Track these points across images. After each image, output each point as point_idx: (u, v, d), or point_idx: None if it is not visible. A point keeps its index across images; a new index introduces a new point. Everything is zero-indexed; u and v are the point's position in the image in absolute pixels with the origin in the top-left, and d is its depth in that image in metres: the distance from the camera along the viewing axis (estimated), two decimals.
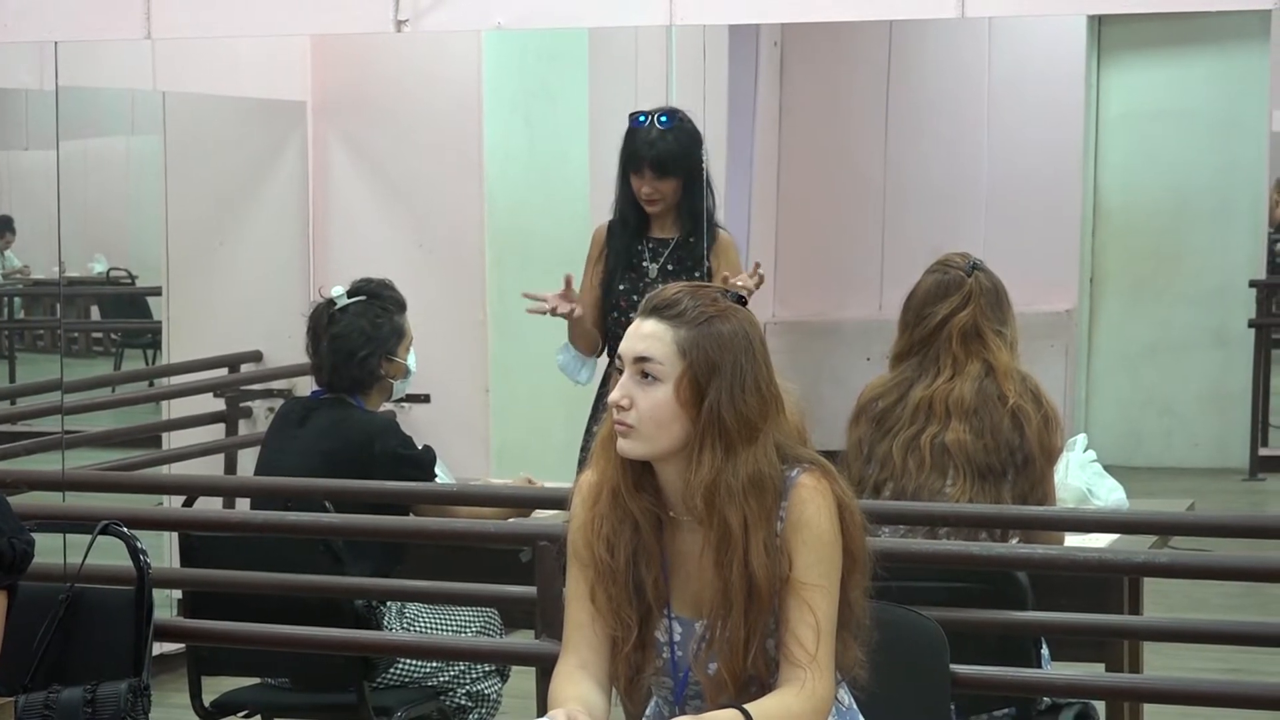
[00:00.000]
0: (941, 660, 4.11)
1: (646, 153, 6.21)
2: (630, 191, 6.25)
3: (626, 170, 6.24)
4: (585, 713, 3.36)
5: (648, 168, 6.20)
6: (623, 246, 6.28)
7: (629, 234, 6.28)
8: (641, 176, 6.20)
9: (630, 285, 6.22)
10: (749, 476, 3.41)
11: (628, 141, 6.26)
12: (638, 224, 6.27)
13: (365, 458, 5.41)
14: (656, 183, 6.20)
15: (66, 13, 5.46)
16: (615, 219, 6.35)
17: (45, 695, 4.33)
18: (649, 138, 6.22)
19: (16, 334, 11.76)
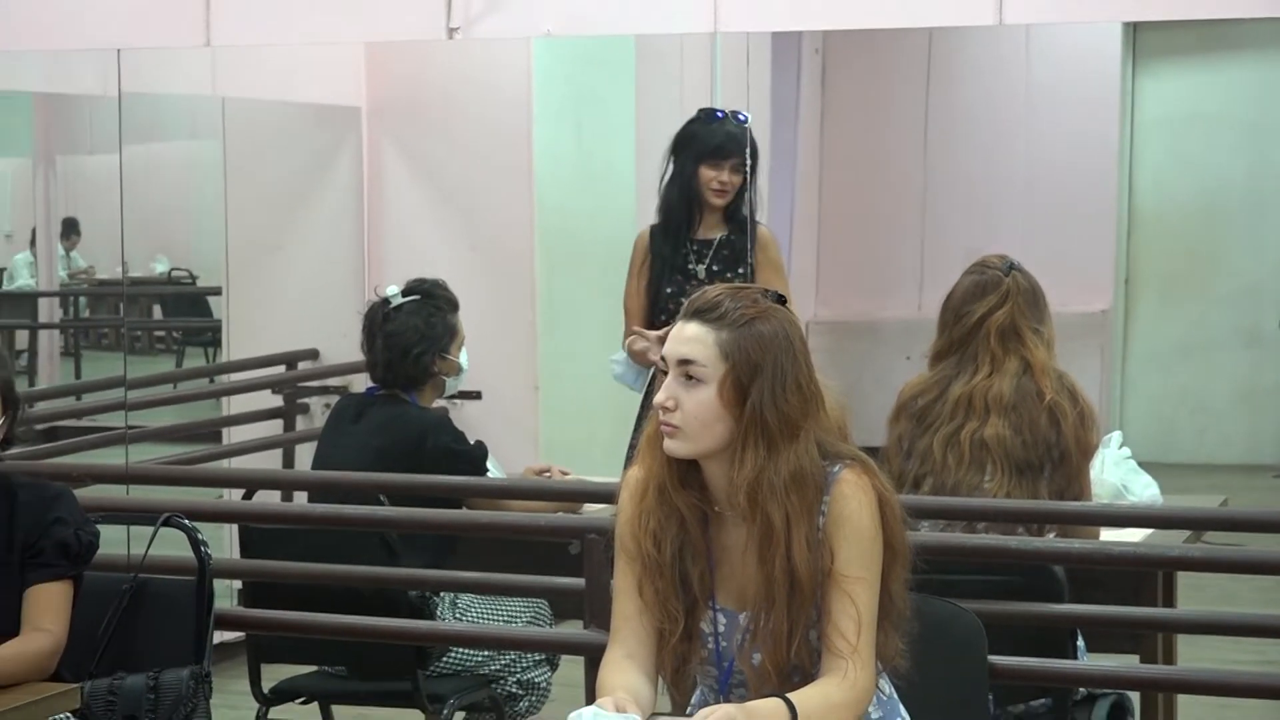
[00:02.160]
0: (979, 651, 4.11)
1: (731, 146, 6.18)
2: (688, 184, 6.19)
3: (698, 161, 6.18)
4: (632, 701, 3.36)
5: (731, 157, 6.17)
6: (668, 250, 6.25)
7: (674, 237, 6.26)
8: (720, 167, 6.16)
9: (677, 288, 6.20)
10: (791, 473, 3.41)
11: (705, 133, 6.21)
12: (682, 226, 6.25)
13: (419, 453, 5.42)
14: (732, 175, 6.18)
15: (129, 21, 5.48)
16: (657, 224, 6.32)
17: (110, 682, 4.34)
18: (732, 130, 6.21)
19: (82, 332, 11.81)
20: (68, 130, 10.67)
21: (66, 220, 11.52)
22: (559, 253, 7.91)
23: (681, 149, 6.25)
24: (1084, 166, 11.15)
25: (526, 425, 7.63)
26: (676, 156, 6.26)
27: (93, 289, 11.76)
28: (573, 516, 5.30)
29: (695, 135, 6.24)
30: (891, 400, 5.04)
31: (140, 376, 9.25)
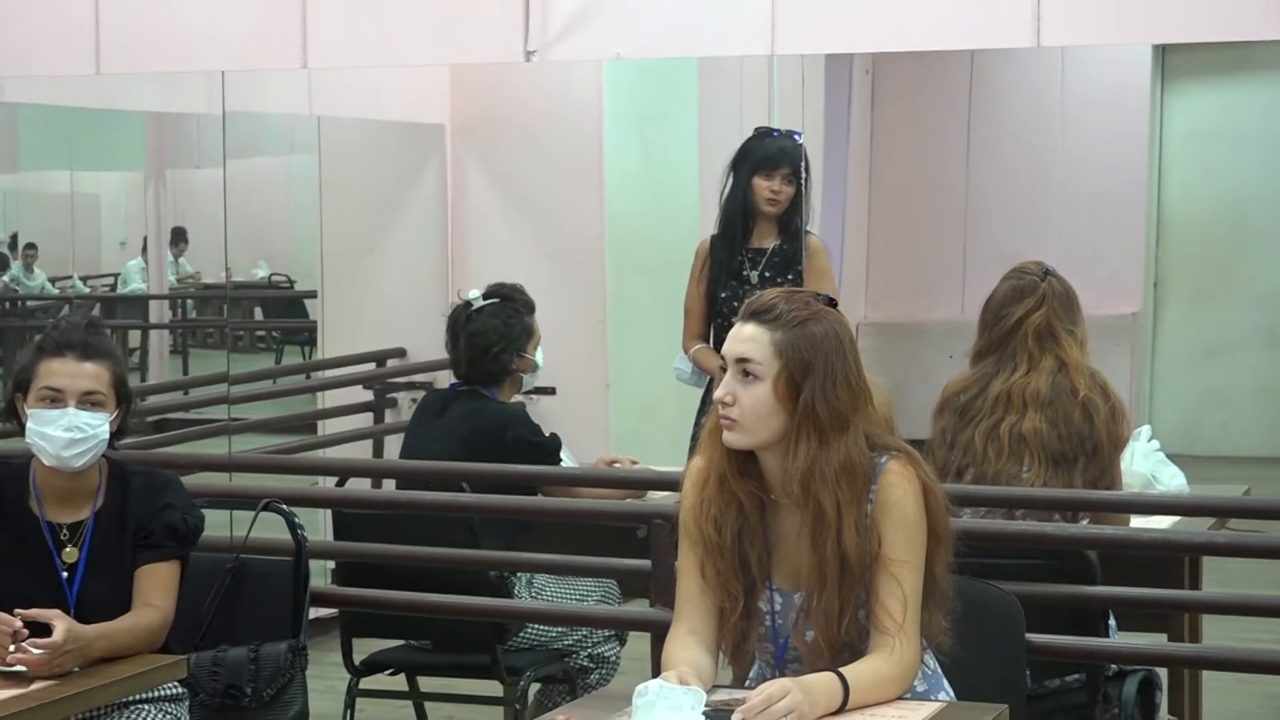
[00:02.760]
0: (1018, 630, 4.09)
1: (782, 158, 6.20)
2: (742, 197, 6.20)
3: (753, 171, 6.19)
4: (695, 674, 3.36)
5: (785, 169, 6.18)
6: (726, 257, 6.26)
7: (730, 245, 6.26)
8: (773, 178, 6.17)
9: (732, 292, 6.20)
10: (841, 463, 3.41)
11: (759, 146, 6.23)
12: (738, 235, 6.25)
13: (498, 444, 5.43)
14: (784, 185, 6.19)
15: (233, 45, 5.50)
16: (716, 233, 6.32)
17: (214, 654, 4.37)
18: (784, 145, 6.23)
19: (189, 332, 11.89)
20: (176, 146, 10.74)
21: (175, 229, 11.60)
22: (627, 259, 7.91)
23: (738, 164, 6.27)
24: (1115, 179, 11.09)
25: (597, 419, 7.64)
26: (734, 171, 6.28)
27: (199, 292, 11.84)
28: (640, 503, 5.30)
29: (750, 150, 6.26)
30: (935, 396, 5.03)
31: (242, 373, 9.31)
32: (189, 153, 10.72)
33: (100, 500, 4.10)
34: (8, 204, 13.32)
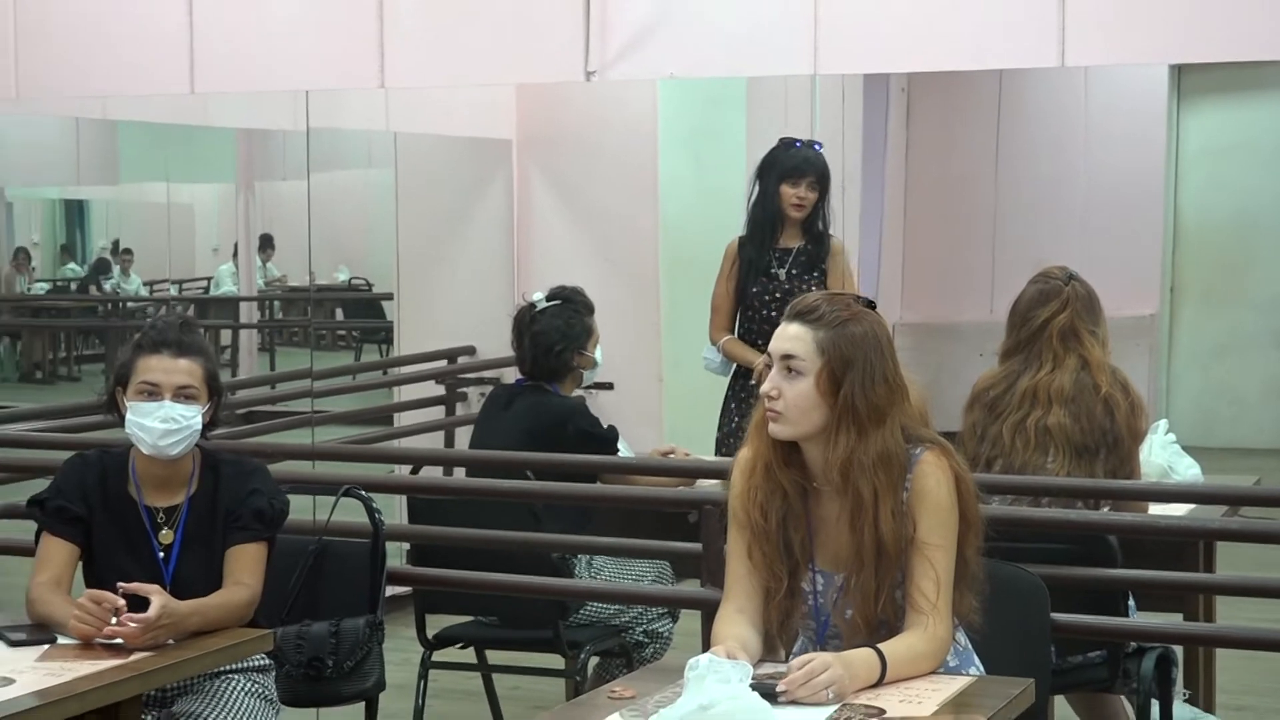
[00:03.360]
0: (1043, 609, 4.08)
1: (806, 167, 6.19)
2: (770, 202, 6.19)
3: (781, 179, 6.18)
4: (742, 649, 3.36)
5: (810, 176, 6.17)
6: (755, 256, 6.24)
7: (759, 246, 6.24)
8: (799, 185, 6.16)
9: (761, 288, 6.20)
10: (879, 454, 3.40)
11: (785, 156, 6.21)
12: (766, 236, 6.24)
13: (560, 435, 5.43)
14: (808, 192, 6.18)
15: (315, 65, 5.52)
16: (745, 234, 6.30)
17: (298, 628, 4.38)
18: (808, 155, 6.22)
19: (275, 331, 11.95)
20: (264, 160, 10.79)
21: (263, 236, 11.66)
22: (679, 263, 7.91)
23: (765, 172, 6.25)
24: (1134, 189, 11.04)
25: (652, 412, 7.63)
26: (761, 179, 6.27)
27: (285, 294, 11.90)
28: (691, 490, 5.29)
29: (776, 159, 6.24)
30: (966, 392, 5.02)
31: (324, 369, 9.34)
32: (276, 166, 10.78)
33: (194, 486, 4.12)
34: (109, 213, 13.42)
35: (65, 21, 5.75)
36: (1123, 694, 4.81)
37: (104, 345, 13.15)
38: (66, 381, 13.03)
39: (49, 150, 10.97)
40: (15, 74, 5.78)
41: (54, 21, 5.75)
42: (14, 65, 5.77)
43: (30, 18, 5.73)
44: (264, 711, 4.14)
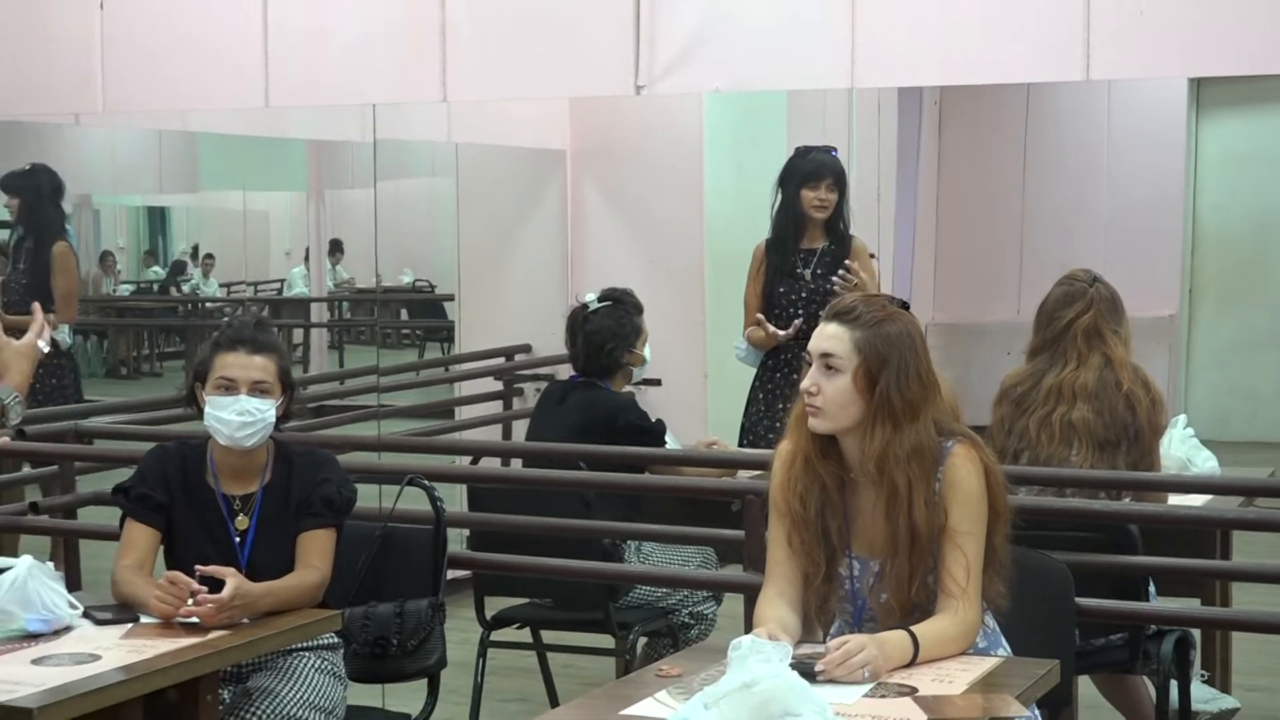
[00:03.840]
0: (1068, 594, 4.06)
1: (824, 170, 6.17)
2: (793, 207, 6.16)
3: (800, 185, 6.16)
4: (783, 631, 3.36)
5: (827, 179, 6.16)
6: (780, 259, 6.22)
7: (783, 249, 6.23)
8: (818, 188, 6.14)
9: (789, 288, 6.18)
10: (912, 447, 3.40)
11: (803, 163, 6.19)
12: (790, 239, 6.23)
13: (611, 428, 5.43)
14: (828, 193, 6.16)
15: (381, 81, 5.54)
16: (771, 237, 6.27)
17: (365, 609, 4.39)
18: (824, 159, 6.21)
19: (344, 330, 11.99)
20: (333, 169, 10.83)
21: (333, 241, 11.69)
22: (723, 266, 7.89)
23: (786, 179, 6.23)
24: (1155, 196, 10.99)
25: (697, 406, 7.63)
26: (783, 186, 6.24)
27: (353, 296, 11.93)
28: (734, 480, 5.28)
29: (796, 166, 6.22)
30: (995, 389, 5.00)
31: (389, 365, 9.37)
32: (344, 175, 10.81)
33: (268, 475, 4.13)
34: (189, 220, 13.50)
35: (147, 41, 5.78)
36: (1143, 674, 4.79)
37: (184, 343, 13.21)
38: (149, 377, 13.10)
39: (133, 161, 11.03)
40: (102, 90, 5.82)
41: (137, 41, 5.79)
42: (100, 82, 5.81)
43: (115, 37, 5.77)
44: (333, 687, 4.15)
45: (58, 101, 6.01)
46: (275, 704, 3.98)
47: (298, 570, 4.01)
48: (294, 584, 3.97)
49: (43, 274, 7.28)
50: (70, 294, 7.36)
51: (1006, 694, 3.17)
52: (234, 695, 4.02)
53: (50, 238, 7.35)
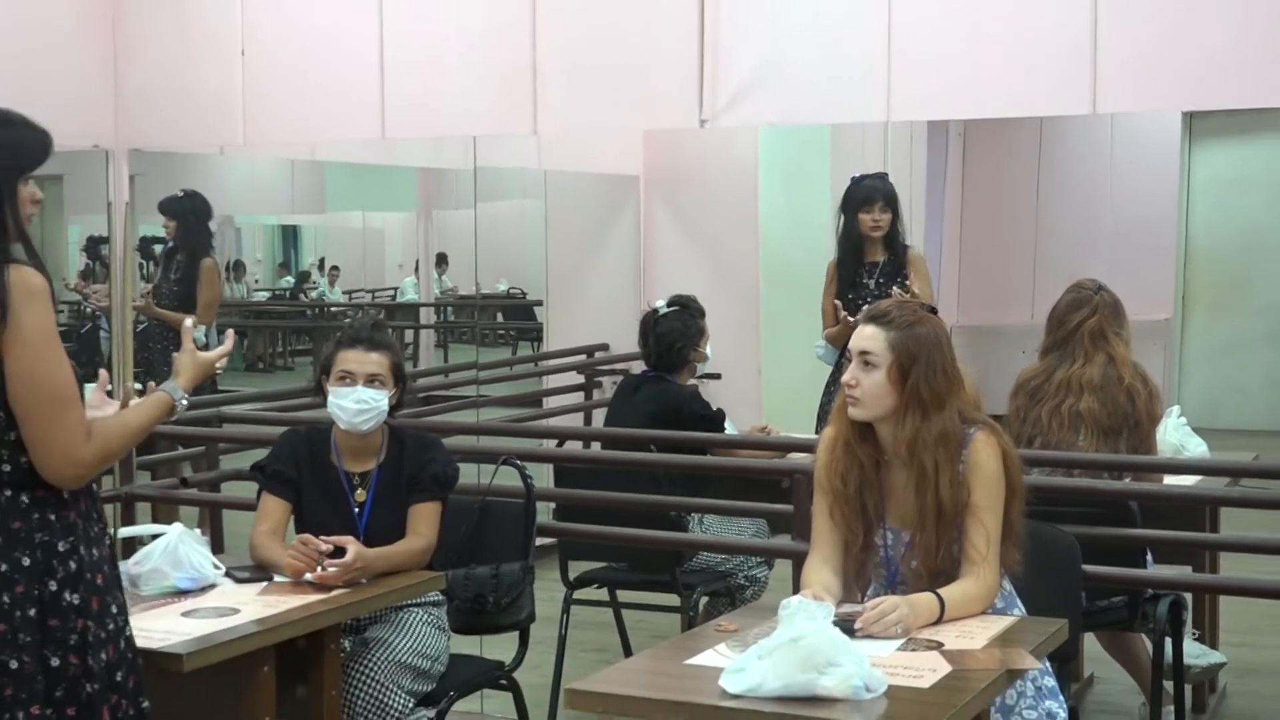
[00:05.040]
0: (1075, 562, 4.03)
1: (874, 193, 6.16)
2: (854, 229, 6.16)
3: (857, 209, 6.15)
4: (826, 592, 3.36)
5: (879, 202, 6.14)
6: (848, 271, 6.21)
7: (848, 265, 6.21)
8: (872, 210, 6.13)
9: (855, 295, 6.15)
10: (939, 433, 3.38)
11: (858, 190, 6.19)
12: (852, 255, 6.20)
13: (678, 416, 5.43)
14: (880, 215, 6.14)
15: (481, 116, 5.55)
16: (839, 256, 6.26)
17: (465, 571, 4.41)
18: (875, 184, 6.19)
19: (448, 331, 12.02)
20: (439, 193, 10.85)
21: (439, 254, 11.72)
22: (775, 277, 7.88)
23: (845, 205, 6.24)
24: (1152, 216, 10.89)
25: (752, 397, 7.61)
26: (844, 211, 6.25)
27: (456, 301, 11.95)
28: (784, 461, 5.27)
29: (853, 193, 6.23)
30: (1012, 383, 4.97)
31: (487, 361, 9.38)
32: (449, 198, 10.82)
33: (382, 455, 4.15)
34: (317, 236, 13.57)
35: (281, 83, 5.82)
36: (1141, 632, 4.74)
37: (311, 342, 13.30)
38: (282, 371, 13.18)
39: (269, 186, 11.10)
40: (243, 124, 5.87)
41: (272, 83, 5.83)
42: (242, 117, 5.86)
43: (254, 80, 5.81)
44: (438, 638, 4.17)
45: (206, 135, 6.06)
46: (389, 652, 4.00)
47: (408, 537, 4.03)
48: (405, 549, 3.99)
49: (191, 284, 7.36)
50: (212, 303, 7.46)
51: (1022, 648, 3.15)
52: (353, 644, 4.04)
53: (199, 254, 7.43)
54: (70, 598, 2.79)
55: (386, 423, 4.14)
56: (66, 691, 2.77)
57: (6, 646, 2.73)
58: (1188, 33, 4.36)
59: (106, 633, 2.84)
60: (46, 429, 2.74)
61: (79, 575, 2.81)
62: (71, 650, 2.78)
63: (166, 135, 6.06)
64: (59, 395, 2.75)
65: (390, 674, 3.95)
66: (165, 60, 5.97)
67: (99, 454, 2.82)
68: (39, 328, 2.72)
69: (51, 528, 2.79)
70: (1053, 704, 3.44)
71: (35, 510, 2.78)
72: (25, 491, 2.78)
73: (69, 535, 2.81)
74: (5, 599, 2.74)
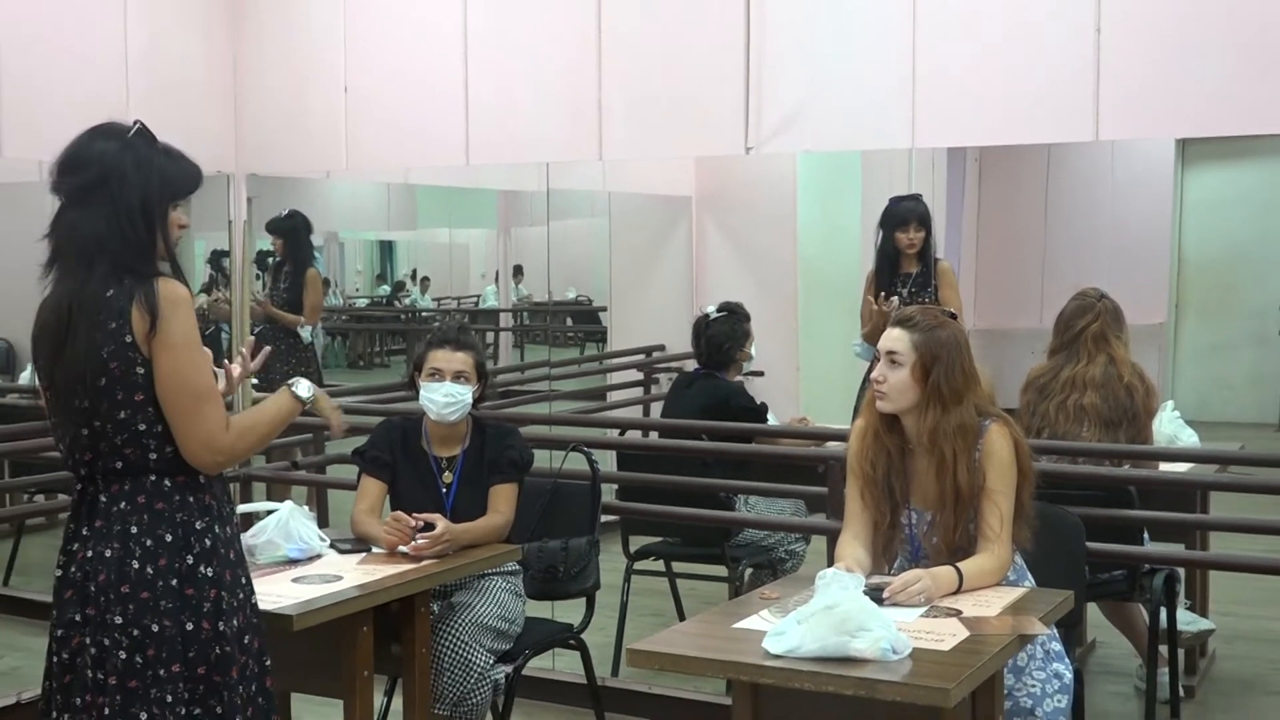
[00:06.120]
0: (1080, 539, 3.99)
1: (910, 214, 6.13)
2: (891, 245, 6.14)
3: (893, 229, 6.13)
4: (857, 565, 3.35)
5: (914, 222, 6.12)
6: (884, 281, 6.18)
7: (887, 273, 6.17)
8: (907, 229, 6.11)
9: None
10: (958, 425, 3.37)
11: (895, 210, 6.18)
12: (888, 268, 6.17)
13: (726, 408, 5.42)
14: (915, 234, 6.12)
15: (553, 144, 5.56)
16: (876, 266, 6.23)
17: (539, 544, 4.42)
18: (910, 205, 6.17)
19: (524, 333, 12.06)
20: (517, 212, 10.88)
21: (515, 266, 11.75)
22: (812, 286, 7.85)
23: (884, 223, 6.22)
24: (1148, 231, 10.76)
25: (791, 392, 7.57)
26: (882, 228, 6.22)
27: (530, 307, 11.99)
28: (820, 449, 5.25)
29: (891, 212, 6.20)
30: (1023, 380, 4.93)
31: (558, 360, 9.42)
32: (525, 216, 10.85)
33: (467, 442, 4.17)
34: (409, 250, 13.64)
35: (379, 116, 5.86)
36: (1139, 602, 4.70)
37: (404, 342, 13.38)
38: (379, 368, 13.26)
39: (368, 205, 11.18)
40: (346, 153, 5.91)
41: (371, 116, 5.87)
42: (345, 146, 5.90)
43: (355, 113, 5.86)
44: (515, 603, 4.18)
45: (314, 162, 6.11)
46: (471, 615, 4.01)
47: (489, 515, 4.04)
48: (486, 525, 4.00)
49: (298, 291, 7.44)
50: (316, 306, 7.54)
51: (1032, 616, 3.13)
52: (441, 608, 4.06)
53: (304, 265, 7.51)
54: (205, 570, 2.82)
55: (470, 414, 4.15)
56: (199, 652, 2.81)
57: (150, 612, 2.77)
58: (1181, 69, 4.32)
59: (236, 601, 2.87)
60: (190, 422, 2.78)
61: (213, 550, 2.84)
62: (205, 616, 2.81)
63: (280, 162, 6.12)
64: (201, 392, 2.79)
65: (473, 634, 3.96)
66: (279, 97, 6.03)
67: (236, 444, 2.86)
68: (183, 334, 2.77)
69: (190, 509, 2.83)
70: (1059, 665, 3.41)
71: (177, 493, 2.82)
72: (169, 477, 2.82)
73: (205, 515, 2.85)
74: (149, 570, 2.78)
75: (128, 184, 2.79)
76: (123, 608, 2.77)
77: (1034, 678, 3.37)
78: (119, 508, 2.81)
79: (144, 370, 2.76)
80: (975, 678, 2.79)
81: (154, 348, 2.76)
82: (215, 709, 2.82)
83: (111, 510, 2.82)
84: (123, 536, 2.80)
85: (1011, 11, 4.63)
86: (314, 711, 4.46)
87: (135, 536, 2.79)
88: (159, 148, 2.87)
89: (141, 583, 2.78)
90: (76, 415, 2.81)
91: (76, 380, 2.78)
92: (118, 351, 2.75)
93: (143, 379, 2.77)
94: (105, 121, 2.89)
